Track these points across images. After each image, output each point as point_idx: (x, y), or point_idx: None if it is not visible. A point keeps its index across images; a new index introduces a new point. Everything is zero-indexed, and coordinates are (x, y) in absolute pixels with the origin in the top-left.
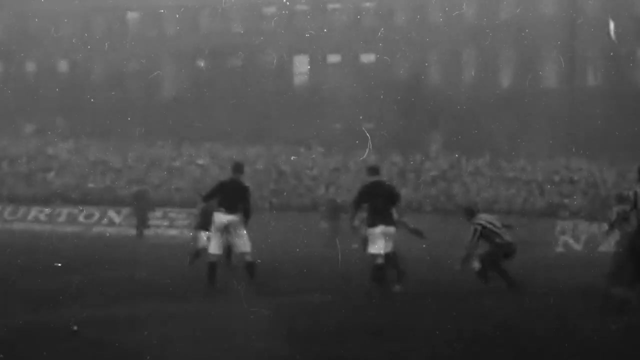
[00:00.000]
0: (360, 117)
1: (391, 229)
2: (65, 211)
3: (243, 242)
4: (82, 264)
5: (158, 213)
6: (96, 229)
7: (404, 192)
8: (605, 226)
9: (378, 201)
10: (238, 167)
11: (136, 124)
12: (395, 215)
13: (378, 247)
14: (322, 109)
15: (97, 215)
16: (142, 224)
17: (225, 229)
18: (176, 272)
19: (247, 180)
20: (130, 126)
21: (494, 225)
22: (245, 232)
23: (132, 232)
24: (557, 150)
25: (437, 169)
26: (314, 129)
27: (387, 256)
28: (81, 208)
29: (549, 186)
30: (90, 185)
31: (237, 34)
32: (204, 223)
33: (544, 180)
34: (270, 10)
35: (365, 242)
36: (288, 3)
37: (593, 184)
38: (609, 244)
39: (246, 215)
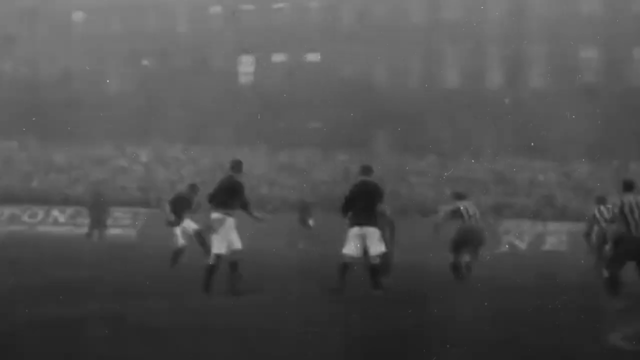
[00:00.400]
0: (306, 116)
1: (370, 229)
2: (7, 211)
3: (232, 240)
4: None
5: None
6: (41, 228)
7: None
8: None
9: (359, 201)
10: (235, 165)
11: (81, 123)
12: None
13: (350, 248)
14: (268, 108)
15: (40, 214)
16: (99, 224)
17: (220, 227)
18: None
19: (192, 180)
20: (74, 125)
21: (467, 211)
22: (234, 230)
23: (73, 230)
24: (503, 150)
25: (383, 168)
26: (259, 127)
27: (383, 255)
28: (25, 207)
29: (493, 185)
30: (34, 184)
31: (182, 34)
32: (177, 221)
33: (489, 179)
34: (216, 9)
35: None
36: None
37: (538, 184)
38: (590, 243)
39: (244, 208)
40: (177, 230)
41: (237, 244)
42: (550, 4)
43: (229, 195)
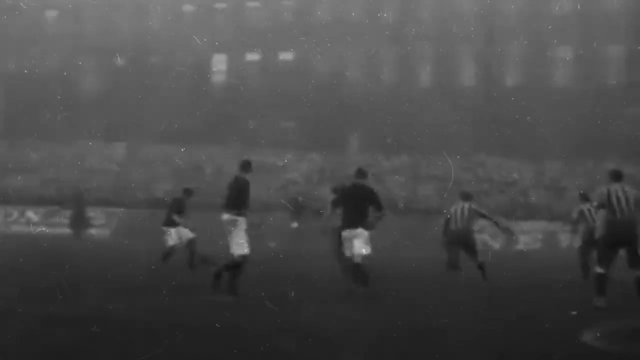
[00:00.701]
0: (279, 115)
1: (358, 231)
2: None
3: (235, 243)
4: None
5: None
6: (15, 228)
7: (323, 191)
8: (567, 224)
9: (351, 204)
10: (244, 165)
11: (54, 123)
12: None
13: (353, 249)
14: (241, 107)
15: (15, 214)
16: (82, 224)
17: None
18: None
19: (166, 179)
20: (48, 125)
21: (456, 212)
22: (242, 232)
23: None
24: (476, 149)
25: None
26: (232, 126)
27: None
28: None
29: (466, 184)
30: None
31: (155, 32)
32: (169, 220)
33: (463, 178)
34: (189, 8)
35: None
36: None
37: (512, 182)
38: (576, 240)
39: (240, 207)
40: (172, 231)
41: (244, 248)
42: (524, 2)
43: (238, 196)
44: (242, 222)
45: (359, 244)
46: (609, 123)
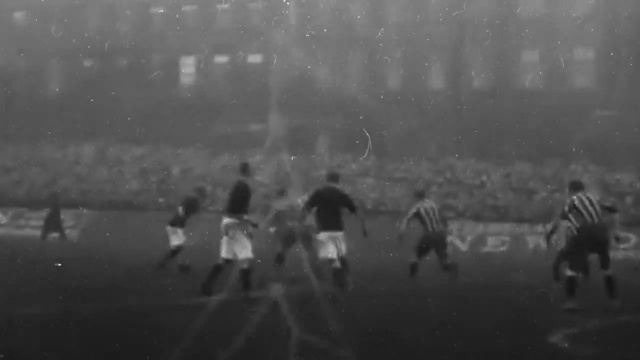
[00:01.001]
0: (248, 118)
1: (339, 234)
2: None
3: (238, 248)
4: None
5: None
6: None
7: (292, 193)
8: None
9: (326, 207)
10: (244, 168)
11: (22, 124)
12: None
13: (329, 251)
14: (209, 110)
15: None
16: (56, 226)
17: (226, 232)
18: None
19: (134, 180)
20: (15, 126)
21: (428, 213)
22: (243, 236)
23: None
24: (444, 151)
25: (326, 169)
26: (201, 128)
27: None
28: None
29: (435, 186)
30: None
31: (124, 34)
32: (177, 220)
33: (430, 180)
34: (158, 10)
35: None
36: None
37: (480, 184)
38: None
39: (240, 212)
40: (180, 231)
41: (248, 252)
42: (490, 5)
43: (239, 200)
44: (242, 226)
45: (335, 246)
46: (576, 126)
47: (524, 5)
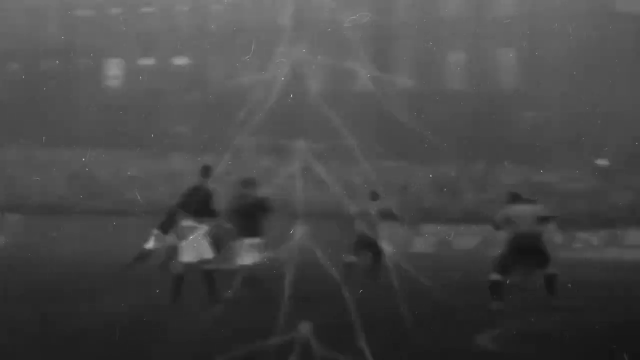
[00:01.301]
0: (174, 121)
1: (256, 241)
2: None
3: (201, 250)
4: None
5: None
6: None
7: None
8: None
9: (239, 215)
10: (204, 171)
11: None
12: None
13: (246, 259)
14: (136, 112)
15: None
16: None
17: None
18: None
19: (55, 183)
20: None
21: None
22: (204, 239)
23: None
24: (369, 153)
25: (248, 171)
26: (127, 131)
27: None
28: None
29: (362, 189)
30: None
31: (50, 36)
32: (167, 225)
33: (358, 183)
34: (86, 13)
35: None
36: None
37: (406, 186)
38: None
39: (211, 216)
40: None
41: (209, 254)
42: (416, 6)
43: (199, 202)
44: (202, 230)
45: (252, 253)
46: (503, 127)
47: (449, 7)
